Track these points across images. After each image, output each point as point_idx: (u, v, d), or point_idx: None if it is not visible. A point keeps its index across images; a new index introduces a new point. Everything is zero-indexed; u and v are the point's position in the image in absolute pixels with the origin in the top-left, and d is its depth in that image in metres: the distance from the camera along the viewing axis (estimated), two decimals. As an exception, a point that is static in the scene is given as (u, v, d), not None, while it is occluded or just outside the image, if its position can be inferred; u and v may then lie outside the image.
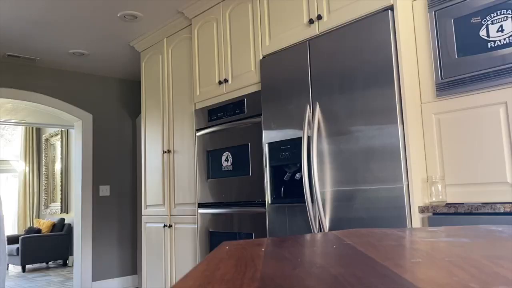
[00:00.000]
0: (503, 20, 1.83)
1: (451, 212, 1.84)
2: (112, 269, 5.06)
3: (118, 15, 3.63)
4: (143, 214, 4.02)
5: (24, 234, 7.10)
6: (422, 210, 1.94)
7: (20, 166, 8.67)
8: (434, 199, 1.98)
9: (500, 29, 1.84)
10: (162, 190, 3.76)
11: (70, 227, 7.24)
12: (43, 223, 7.48)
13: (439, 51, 2.05)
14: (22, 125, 7.91)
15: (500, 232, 0.77)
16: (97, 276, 4.92)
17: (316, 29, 2.45)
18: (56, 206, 7.93)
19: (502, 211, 1.69)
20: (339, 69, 2.28)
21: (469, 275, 0.42)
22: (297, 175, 2.47)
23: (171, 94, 3.75)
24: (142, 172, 4.08)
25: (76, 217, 5.02)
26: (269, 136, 2.64)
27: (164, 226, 3.63)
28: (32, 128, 8.52)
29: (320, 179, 2.31)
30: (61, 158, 7.83)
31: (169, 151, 3.68)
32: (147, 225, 3.91)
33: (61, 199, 7.75)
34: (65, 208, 7.68)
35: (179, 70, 3.67)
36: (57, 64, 4.85)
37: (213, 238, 3.08)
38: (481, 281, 0.40)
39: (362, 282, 0.41)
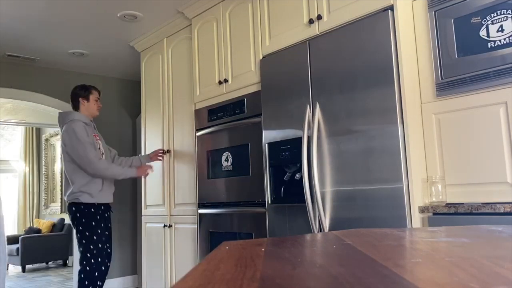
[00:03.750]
0: (503, 20, 1.83)
1: (451, 212, 1.84)
2: (112, 269, 5.05)
3: (118, 15, 3.63)
4: (143, 214, 4.02)
5: (24, 234, 7.09)
6: (422, 210, 1.94)
7: (20, 166, 8.67)
8: (434, 199, 1.98)
9: (500, 29, 1.84)
10: (162, 190, 3.75)
11: (70, 227, 7.24)
12: (43, 223, 7.48)
13: (439, 51, 2.05)
14: (22, 125, 7.91)
15: (500, 232, 0.77)
16: (97, 276, 4.91)
17: (316, 29, 2.45)
18: (56, 206, 7.92)
19: (502, 211, 1.69)
20: (339, 69, 2.28)
21: (469, 275, 0.42)
22: (297, 175, 2.46)
23: (171, 94, 3.75)
24: (142, 172, 4.07)
25: (76, 217, 5.01)
26: (269, 136, 2.64)
27: (164, 226, 3.63)
28: (32, 128, 8.52)
29: (320, 179, 2.31)
30: (61, 158, 7.82)
31: (169, 151, 3.68)
32: (147, 225, 3.91)
33: (61, 199, 7.75)
34: (65, 208, 7.68)
35: (179, 70, 3.67)
36: (57, 64, 4.85)
37: (213, 238, 3.08)
38: (481, 281, 0.40)
39: (362, 282, 0.41)
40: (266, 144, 2.65)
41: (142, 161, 3.53)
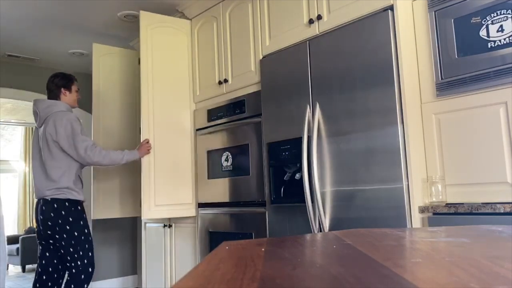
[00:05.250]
0: (503, 20, 1.83)
1: (451, 212, 1.84)
2: (112, 269, 5.06)
3: (118, 15, 3.63)
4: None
5: (24, 234, 7.09)
6: (422, 210, 1.94)
7: (20, 166, 8.67)
8: (434, 199, 1.98)
9: (500, 29, 1.84)
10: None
11: (70, 227, 7.23)
12: (43, 223, 7.45)
13: (439, 51, 2.05)
14: (22, 125, 7.91)
15: (500, 232, 0.77)
16: (97, 276, 4.91)
17: (316, 29, 2.45)
18: (56, 206, 7.91)
19: (502, 211, 1.69)
20: (339, 69, 2.28)
21: (469, 275, 0.42)
22: (297, 175, 2.46)
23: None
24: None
25: (76, 217, 5.01)
26: (269, 136, 2.64)
27: (164, 226, 3.63)
28: (32, 128, 8.51)
29: (320, 179, 2.31)
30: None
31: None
32: (147, 225, 3.91)
33: (61, 199, 7.72)
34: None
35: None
36: (57, 64, 4.85)
37: (213, 238, 3.08)
38: (481, 281, 0.40)
39: (362, 282, 0.41)
40: (266, 144, 2.65)
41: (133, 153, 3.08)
